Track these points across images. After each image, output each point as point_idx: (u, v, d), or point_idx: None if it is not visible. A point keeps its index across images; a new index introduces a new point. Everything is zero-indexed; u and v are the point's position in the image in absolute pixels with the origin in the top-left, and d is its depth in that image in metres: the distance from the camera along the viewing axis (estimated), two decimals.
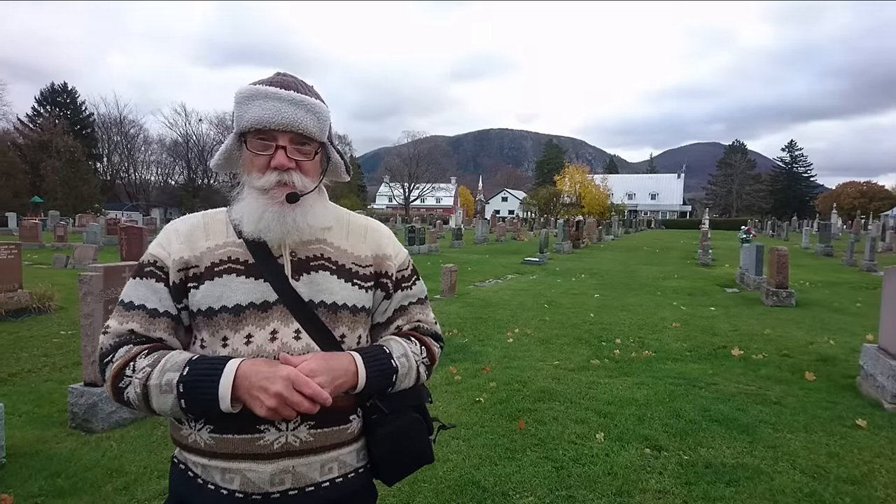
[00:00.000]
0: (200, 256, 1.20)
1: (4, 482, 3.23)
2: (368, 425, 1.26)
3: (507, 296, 10.85)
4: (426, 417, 1.33)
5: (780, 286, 10.07)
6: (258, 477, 1.15)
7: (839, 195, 70.88)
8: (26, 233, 21.62)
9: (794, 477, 3.42)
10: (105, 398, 4.04)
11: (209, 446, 1.17)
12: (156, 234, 6.42)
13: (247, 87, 1.17)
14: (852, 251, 17.74)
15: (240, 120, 1.17)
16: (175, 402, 1.09)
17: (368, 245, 1.31)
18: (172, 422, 1.24)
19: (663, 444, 3.89)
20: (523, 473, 3.42)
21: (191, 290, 1.19)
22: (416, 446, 1.29)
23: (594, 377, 5.46)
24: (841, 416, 4.45)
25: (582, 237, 26.48)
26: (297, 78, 1.22)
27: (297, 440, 1.16)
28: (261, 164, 1.18)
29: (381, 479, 1.32)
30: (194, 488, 1.19)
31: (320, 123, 1.19)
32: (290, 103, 1.15)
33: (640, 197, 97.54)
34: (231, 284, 1.18)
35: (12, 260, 8.72)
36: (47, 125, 51.82)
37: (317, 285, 1.21)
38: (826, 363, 6.03)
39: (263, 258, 1.20)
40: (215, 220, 1.26)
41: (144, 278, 1.21)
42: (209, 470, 1.17)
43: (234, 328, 1.17)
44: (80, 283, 4.14)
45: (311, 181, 1.21)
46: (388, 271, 1.33)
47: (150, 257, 1.23)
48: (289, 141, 1.17)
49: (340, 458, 1.23)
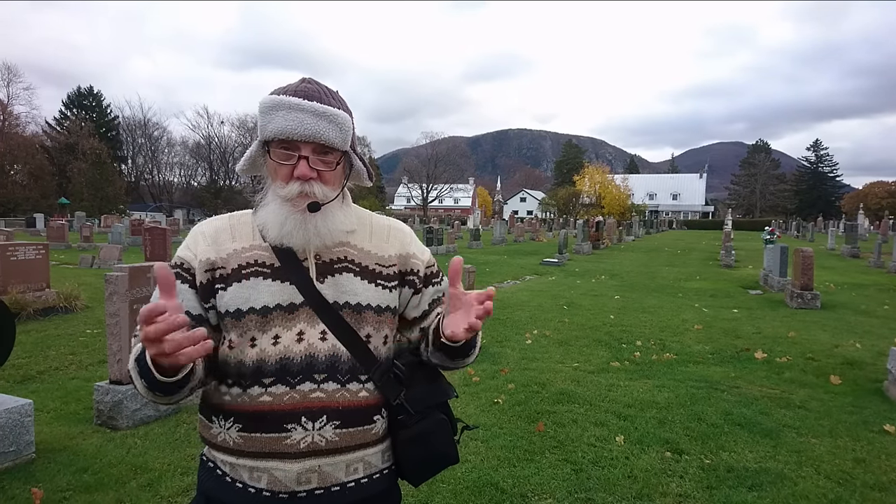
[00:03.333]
0: (227, 258, 1.22)
1: (34, 476, 3.31)
2: (394, 426, 1.27)
3: (526, 297, 10.82)
4: (451, 418, 1.34)
5: (804, 288, 9.89)
6: (285, 476, 1.17)
7: (866, 195, 69.30)
8: (53, 233, 22.10)
9: (818, 482, 3.36)
10: (130, 396, 4.12)
11: (237, 445, 1.19)
12: (180, 235, 6.50)
13: (270, 98, 1.18)
14: (880, 252, 17.34)
15: (263, 129, 1.19)
16: (140, 382, 1.11)
17: (392, 245, 1.33)
18: (202, 420, 1.26)
19: (684, 447, 3.85)
20: (542, 475, 3.41)
21: (218, 291, 1.21)
22: (441, 447, 1.29)
23: (614, 379, 5.42)
24: (867, 420, 4.36)
25: (602, 238, 26.28)
26: (321, 85, 1.23)
27: (323, 440, 1.18)
28: (284, 174, 1.20)
29: (408, 480, 1.33)
30: (223, 486, 1.21)
31: (343, 133, 1.20)
32: (312, 114, 1.16)
33: (661, 197, 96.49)
34: (258, 287, 1.20)
35: (40, 260, 8.93)
36: (74, 128, 52.98)
37: (341, 287, 1.23)
38: (852, 367, 5.91)
39: (289, 261, 1.21)
40: (241, 223, 1.28)
41: None
42: (237, 468, 1.19)
43: (262, 329, 1.18)
44: (107, 282, 4.23)
45: (333, 190, 1.23)
46: (416, 269, 1.34)
47: (177, 259, 1.25)
48: (311, 151, 1.18)
49: (366, 458, 1.24)
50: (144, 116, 67.59)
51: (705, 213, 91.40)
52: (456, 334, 1.14)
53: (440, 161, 71.25)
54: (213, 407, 1.23)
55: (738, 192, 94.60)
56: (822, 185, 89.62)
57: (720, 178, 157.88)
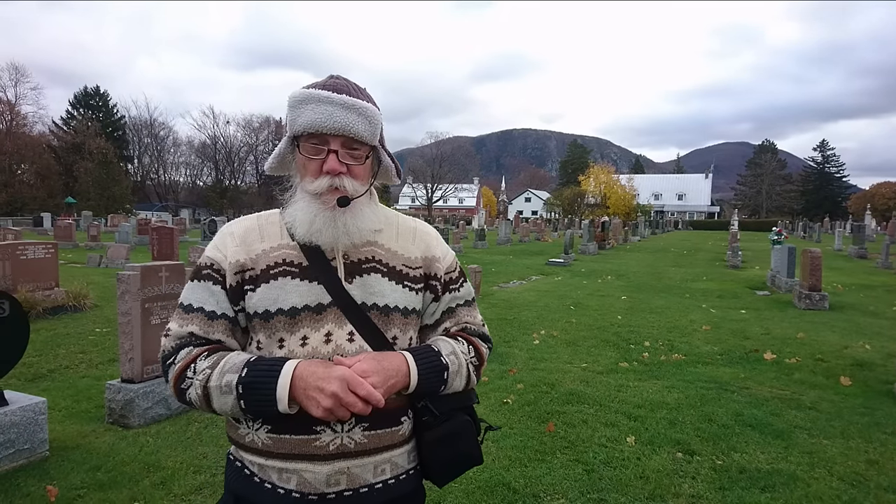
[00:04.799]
0: (256, 259, 1.22)
1: (48, 474, 3.33)
2: (419, 427, 1.27)
3: (533, 297, 10.81)
4: (474, 419, 1.34)
5: (812, 289, 9.85)
6: (314, 478, 1.17)
7: (873, 195, 68.92)
8: (61, 233, 22.20)
9: (831, 484, 3.35)
10: (141, 394, 4.14)
11: (266, 446, 1.19)
12: (187, 234, 6.52)
13: (300, 91, 1.18)
14: (887, 253, 17.24)
15: (293, 123, 1.19)
16: (235, 403, 1.12)
17: (418, 247, 1.33)
18: (229, 420, 1.26)
19: (696, 448, 3.84)
20: (554, 475, 3.41)
21: (247, 292, 1.21)
22: (466, 448, 1.29)
23: (623, 380, 5.41)
24: (879, 422, 4.34)
25: (607, 238, 26.21)
26: (349, 81, 1.23)
27: (352, 441, 1.18)
28: (313, 169, 1.20)
29: (432, 481, 1.33)
30: (252, 486, 1.21)
31: (372, 127, 1.20)
32: (342, 107, 1.16)
33: (666, 197, 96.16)
34: (286, 287, 1.20)
35: (49, 259, 8.98)
36: (81, 128, 53.24)
37: (369, 288, 1.23)
38: (862, 368, 5.88)
39: (317, 261, 1.22)
40: (269, 223, 1.28)
41: (202, 281, 1.24)
42: (266, 469, 1.20)
43: (290, 330, 1.19)
44: (118, 281, 4.24)
45: (362, 185, 1.23)
46: (437, 273, 1.34)
47: (207, 260, 1.25)
48: (340, 145, 1.18)
49: (393, 459, 1.24)
50: (151, 116, 68.04)
51: (711, 213, 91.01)
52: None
53: (445, 161, 71.23)
54: None
55: (744, 193, 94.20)
56: (828, 185, 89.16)
57: (726, 179, 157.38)
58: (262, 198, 66.33)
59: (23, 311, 3.52)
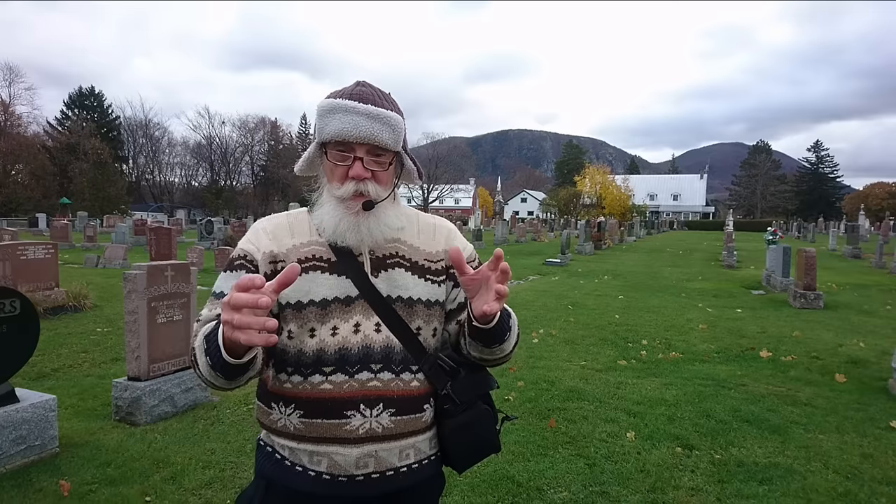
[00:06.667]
0: (287, 252, 1.29)
1: (59, 470, 3.38)
2: (440, 415, 1.33)
3: (531, 297, 10.89)
4: (493, 408, 1.40)
5: (807, 288, 9.96)
6: (344, 460, 1.23)
7: (867, 196, 69.39)
8: (57, 233, 22.15)
9: (827, 477, 3.43)
10: (148, 392, 4.19)
11: (298, 430, 1.25)
12: (183, 235, 6.59)
13: (328, 101, 1.25)
14: (881, 253, 17.40)
15: (321, 131, 1.26)
16: (205, 360, 1.14)
17: (438, 241, 1.40)
18: (260, 406, 1.33)
19: (694, 443, 3.92)
20: (556, 469, 3.48)
21: None
22: (485, 435, 1.36)
23: (622, 377, 5.49)
24: (873, 417, 4.43)
25: (604, 238, 26.34)
26: (374, 88, 1.30)
27: (380, 426, 1.24)
28: (340, 174, 1.27)
29: (452, 467, 1.39)
30: (283, 469, 1.28)
31: (395, 135, 1.27)
32: (367, 117, 1.22)
33: (661, 198, 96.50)
34: (317, 280, 1.26)
35: (49, 259, 8.99)
36: (75, 128, 53.03)
37: (393, 282, 1.30)
38: (856, 365, 5.98)
39: (345, 257, 1.28)
40: (299, 220, 1.35)
41: (234, 271, 1.30)
42: (297, 452, 1.26)
43: (321, 320, 1.25)
44: (125, 280, 4.29)
45: (385, 189, 1.30)
46: None
47: (240, 252, 1.32)
48: (366, 152, 1.25)
49: (416, 444, 1.30)
50: (146, 116, 67.87)
51: (706, 213, 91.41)
52: (483, 309, 1.10)
53: (441, 161, 71.31)
54: (273, 394, 1.29)
55: (739, 193, 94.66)
56: (822, 185, 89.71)
57: (721, 179, 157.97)
58: (258, 198, 66.23)
59: (33, 309, 3.58)
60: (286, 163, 67.88)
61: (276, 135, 73.41)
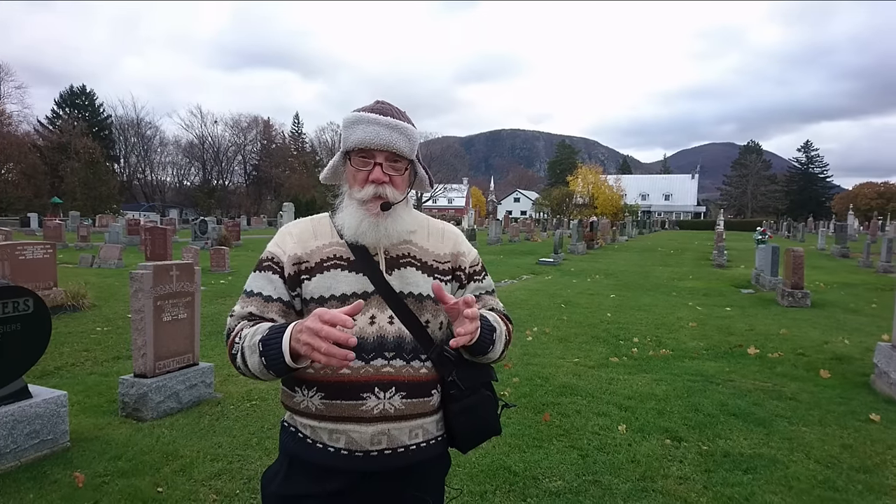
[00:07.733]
0: (311, 254, 1.45)
1: (72, 463, 3.50)
2: (446, 399, 1.48)
3: (524, 296, 11.05)
4: (494, 395, 1.56)
5: (795, 287, 10.18)
6: (360, 437, 1.38)
7: (856, 196, 70.18)
8: (50, 233, 22.10)
9: (808, 466, 3.60)
10: (154, 388, 4.31)
11: (319, 410, 1.40)
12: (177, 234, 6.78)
13: (353, 114, 1.42)
14: (868, 252, 17.71)
15: (346, 140, 1.43)
16: (259, 360, 1.30)
17: (446, 245, 1.55)
18: (285, 390, 1.48)
19: (683, 435, 4.08)
20: (551, 460, 3.64)
21: (304, 281, 1.43)
22: (487, 420, 1.51)
23: (614, 374, 5.65)
24: (855, 411, 4.62)
25: (596, 238, 26.58)
26: (392, 105, 1.47)
27: (392, 407, 1.39)
28: (361, 178, 1.43)
29: (457, 448, 1.55)
30: (305, 447, 1.43)
31: (411, 144, 1.44)
32: (387, 127, 1.39)
33: (653, 198, 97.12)
34: (338, 277, 1.42)
35: (48, 259, 9.06)
36: (66, 127, 52.79)
37: (406, 279, 1.45)
38: (841, 362, 6.17)
39: (362, 256, 1.44)
40: (321, 224, 1.51)
41: (263, 271, 1.46)
42: (317, 431, 1.41)
43: None
44: (131, 280, 4.40)
45: (401, 193, 1.46)
46: (463, 265, 1.56)
47: (268, 254, 1.48)
48: (385, 159, 1.42)
49: (424, 425, 1.45)
50: (137, 116, 67.60)
51: (697, 213, 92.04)
52: (458, 332, 1.31)
53: (434, 161, 71.49)
54: (297, 378, 1.43)
55: (730, 193, 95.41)
56: (812, 185, 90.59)
57: (712, 179, 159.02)
58: (251, 198, 66.12)
59: (45, 307, 3.68)
60: (278, 162, 67.84)
61: (269, 134, 73.34)
